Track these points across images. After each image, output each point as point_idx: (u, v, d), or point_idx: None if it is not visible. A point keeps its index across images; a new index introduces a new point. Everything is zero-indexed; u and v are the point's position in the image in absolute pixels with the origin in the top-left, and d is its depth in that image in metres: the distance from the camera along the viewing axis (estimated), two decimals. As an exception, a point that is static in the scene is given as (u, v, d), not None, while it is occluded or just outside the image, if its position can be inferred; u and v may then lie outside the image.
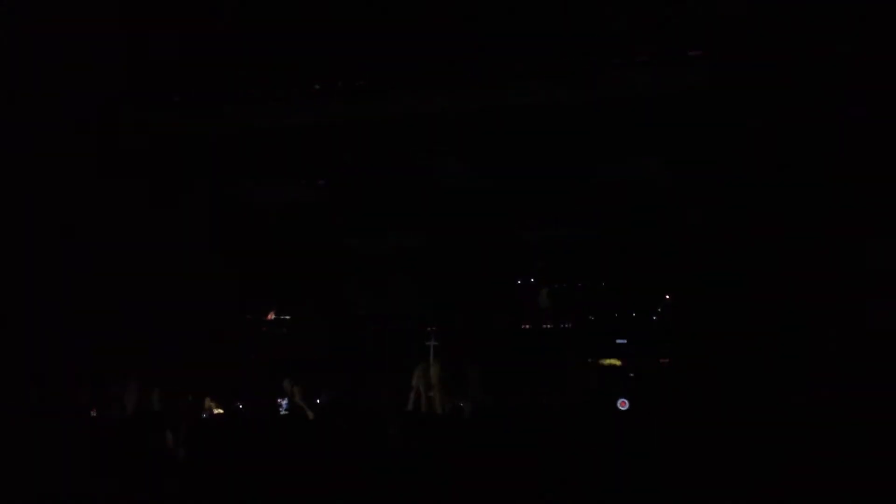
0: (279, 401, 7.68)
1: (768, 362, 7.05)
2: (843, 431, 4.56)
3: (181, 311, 9.50)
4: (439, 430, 5.26)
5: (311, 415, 6.41)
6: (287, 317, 10.77)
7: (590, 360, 9.89)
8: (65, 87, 6.50)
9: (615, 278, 11.08)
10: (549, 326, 11.02)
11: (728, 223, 7.95)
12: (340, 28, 5.72)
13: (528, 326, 10.98)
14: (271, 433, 4.62)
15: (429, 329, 9.98)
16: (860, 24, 5.68)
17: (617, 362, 9.84)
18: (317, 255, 10.73)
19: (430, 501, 4.03)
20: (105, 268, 8.93)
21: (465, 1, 5.93)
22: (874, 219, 6.34)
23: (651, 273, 10.38)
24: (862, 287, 6.84)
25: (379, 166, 8.47)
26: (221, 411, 5.00)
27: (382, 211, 9.70)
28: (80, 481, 4.14)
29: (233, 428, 4.67)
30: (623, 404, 8.01)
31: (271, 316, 10.64)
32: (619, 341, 10.15)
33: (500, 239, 10.62)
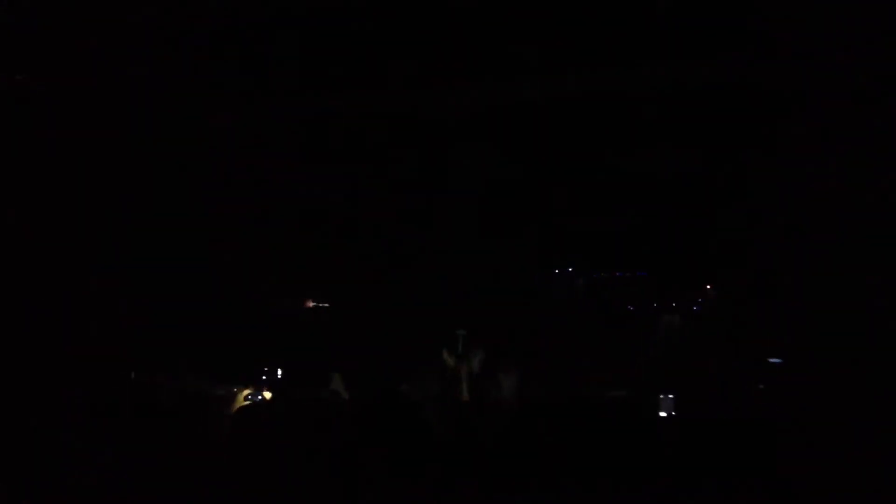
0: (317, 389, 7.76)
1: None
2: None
3: (221, 299, 9.64)
4: (479, 420, 5.25)
5: (347, 398, 6.46)
6: (325, 304, 10.85)
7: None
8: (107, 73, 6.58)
9: (656, 268, 10.98)
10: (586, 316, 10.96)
11: (769, 213, 7.81)
12: (376, 19, 5.71)
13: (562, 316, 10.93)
14: (312, 420, 4.66)
15: (460, 319, 9.97)
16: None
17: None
18: (353, 243, 10.79)
19: (471, 490, 4.02)
20: (147, 257, 9.10)
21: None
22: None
23: (693, 263, 10.25)
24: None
25: (416, 156, 8.47)
26: (253, 398, 5.06)
27: (419, 200, 9.70)
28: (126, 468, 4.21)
29: (272, 416, 4.72)
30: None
31: (310, 304, 10.73)
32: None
33: (537, 228, 10.57)
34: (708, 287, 10.50)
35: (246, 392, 5.10)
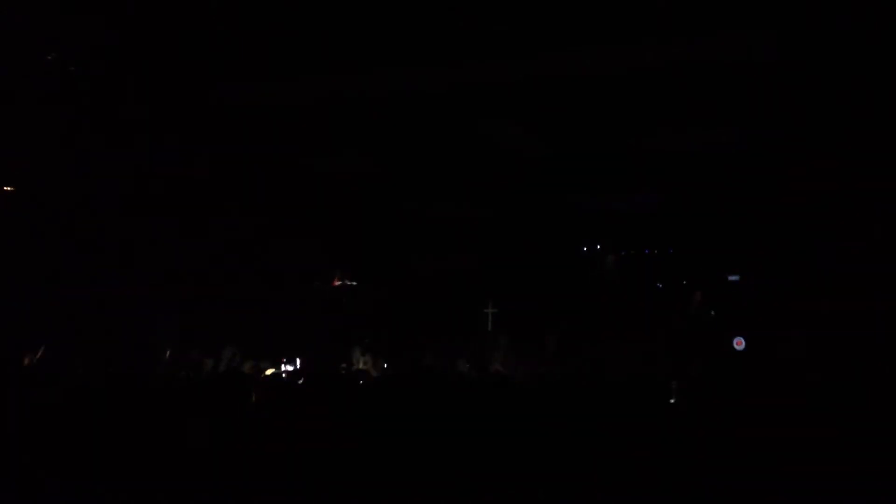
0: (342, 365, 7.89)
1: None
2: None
3: (245, 278, 9.80)
4: (509, 396, 5.29)
5: (375, 376, 6.57)
6: (353, 283, 10.96)
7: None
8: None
9: (682, 247, 10.93)
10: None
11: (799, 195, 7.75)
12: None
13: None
14: (337, 399, 4.74)
15: (488, 297, 10.03)
16: None
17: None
18: (382, 222, 10.87)
19: (501, 467, 4.07)
20: (174, 240, 9.29)
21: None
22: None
23: (719, 242, 10.19)
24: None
25: (441, 135, 8.49)
26: (275, 372, 5.16)
27: (446, 179, 9.73)
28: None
29: (298, 393, 4.82)
30: (739, 343, 7.91)
31: (337, 282, 10.85)
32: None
33: (563, 207, 10.56)
34: (735, 266, 10.43)
35: (270, 371, 5.22)
